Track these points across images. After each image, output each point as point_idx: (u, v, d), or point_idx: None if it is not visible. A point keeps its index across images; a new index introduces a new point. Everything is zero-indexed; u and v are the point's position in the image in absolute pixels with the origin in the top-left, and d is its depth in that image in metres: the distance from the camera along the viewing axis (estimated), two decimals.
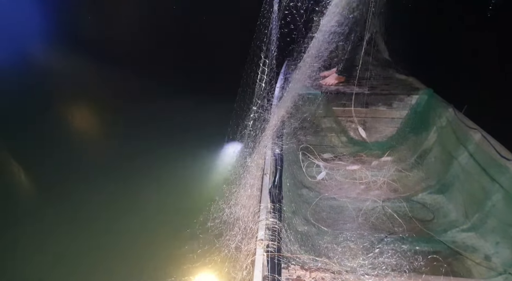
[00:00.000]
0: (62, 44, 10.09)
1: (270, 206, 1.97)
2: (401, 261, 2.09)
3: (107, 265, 3.19)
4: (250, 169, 2.88)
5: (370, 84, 4.22)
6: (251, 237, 2.06)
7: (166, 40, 9.89)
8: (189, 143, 4.87)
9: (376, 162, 3.77)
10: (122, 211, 3.79)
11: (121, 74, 7.46)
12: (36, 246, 3.36)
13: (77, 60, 8.47)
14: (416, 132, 3.79)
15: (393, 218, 2.93)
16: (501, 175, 2.54)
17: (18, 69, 8.16)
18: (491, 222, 2.58)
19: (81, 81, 7.49)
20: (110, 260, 3.24)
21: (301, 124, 4.03)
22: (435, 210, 3.04)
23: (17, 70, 8.10)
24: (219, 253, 2.80)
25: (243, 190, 2.81)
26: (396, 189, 3.37)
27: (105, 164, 4.58)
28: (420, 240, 2.66)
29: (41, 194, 4.08)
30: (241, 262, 2.13)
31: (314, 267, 1.76)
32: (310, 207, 3.05)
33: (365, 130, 4.10)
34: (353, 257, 2.24)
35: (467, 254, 2.50)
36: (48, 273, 3.10)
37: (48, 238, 3.46)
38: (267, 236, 1.72)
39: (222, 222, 3.09)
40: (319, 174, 3.57)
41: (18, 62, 8.73)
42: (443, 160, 3.33)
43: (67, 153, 4.80)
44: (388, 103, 3.98)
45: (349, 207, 3.06)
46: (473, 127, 3.00)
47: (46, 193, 4.08)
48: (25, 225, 3.60)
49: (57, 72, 7.88)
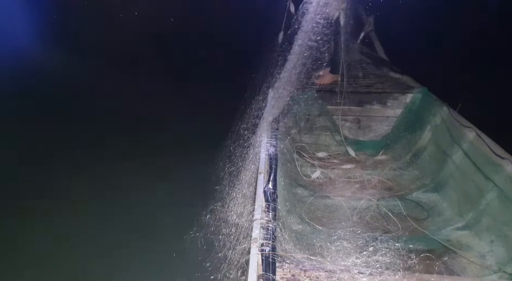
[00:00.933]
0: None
1: (264, 205, 1.96)
2: (395, 259, 2.08)
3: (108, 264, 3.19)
4: (244, 168, 2.88)
5: (365, 83, 4.22)
6: (245, 236, 2.05)
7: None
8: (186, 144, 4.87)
9: (371, 161, 3.77)
10: (117, 210, 3.77)
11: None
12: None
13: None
14: (411, 131, 3.79)
15: (388, 217, 2.92)
16: (495, 174, 2.54)
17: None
18: (485, 220, 2.58)
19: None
20: (109, 259, 3.23)
21: (296, 123, 4.02)
22: (430, 209, 3.05)
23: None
24: (213, 252, 2.79)
25: (237, 189, 2.80)
26: (391, 187, 3.38)
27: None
28: (414, 238, 2.66)
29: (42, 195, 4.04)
30: (236, 262, 2.12)
31: (309, 266, 1.75)
32: (304, 206, 3.05)
33: (359, 128, 4.11)
34: (348, 255, 2.23)
35: (462, 252, 2.51)
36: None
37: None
38: (262, 235, 1.71)
39: (216, 221, 3.09)
40: (313, 173, 3.57)
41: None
42: (438, 158, 3.33)
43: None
44: (382, 102, 3.98)
45: (344, 206, 3.06)
46: (467, 126, 3.01)
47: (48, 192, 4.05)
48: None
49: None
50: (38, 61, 8.44)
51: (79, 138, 5.24)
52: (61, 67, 7.98)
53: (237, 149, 3.08)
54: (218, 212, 2.95)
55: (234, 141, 3.14)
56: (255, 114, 3.09)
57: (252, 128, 3.06)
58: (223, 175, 3.20)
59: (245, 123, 3.13)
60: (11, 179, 4.33)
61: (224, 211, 2.88)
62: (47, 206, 3.84)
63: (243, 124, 3.13)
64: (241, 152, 3.02)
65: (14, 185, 4.22)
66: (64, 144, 5.07)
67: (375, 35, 5.89)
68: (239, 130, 3.12)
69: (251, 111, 3.13)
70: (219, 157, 3.32)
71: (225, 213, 2.87)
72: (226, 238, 2.51)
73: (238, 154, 3.07)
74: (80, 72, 7.69)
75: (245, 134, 3.07)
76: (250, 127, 3.09)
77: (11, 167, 4.57)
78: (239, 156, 3.04)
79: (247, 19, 10.26)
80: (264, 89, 3.21)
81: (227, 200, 2.91)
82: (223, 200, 3.00)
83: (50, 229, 3.56)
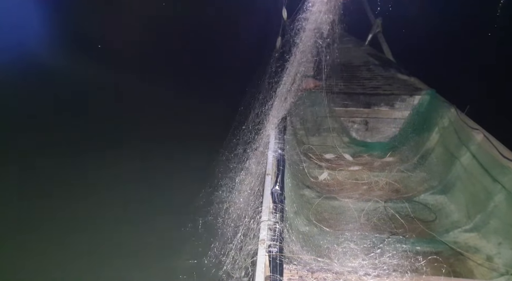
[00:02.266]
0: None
1: (272, 206, 1.97)
2: (402, 261, 2.09)
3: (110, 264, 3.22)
4: (250, 169, 2.90)
5: (372, 85, 4.22)
6: (252, 237, 2.07)
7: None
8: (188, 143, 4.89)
9: (378, 163, 3.77)
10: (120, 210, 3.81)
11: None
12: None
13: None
14: (418, 133, 3.78)
15: (395, 219, 2.93)
16: (503, 176, 2.54)
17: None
18: (493, 222, 2.57)
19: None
20: (111, 257, 3.27)
21: (303, 124, 4.03)
22: (437, 211, 3.04)
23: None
24: (220, 253, 2.82)
25: (244, 190, 2.82)
26: (398, 189, 3.37)
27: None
28: (422, 240, 2.66)
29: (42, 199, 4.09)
30: (242, 262, 2.14)
31: (316, 267, 1.77)
32: (312, 208, 3.06)
33: (367, 130, 4.11)
34: (355, 257, 2.23)
35: (469, 254, 2.50)
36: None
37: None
38: (269, 237, 1.73)
39: (223, 222, 3.12)
40: (321, 174, 3.58)
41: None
42: (445, 160, 3.32)
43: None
44: (390, 104, 3.97)
45: (351, 208, 3.06)
46: (475, 128, 3.00)
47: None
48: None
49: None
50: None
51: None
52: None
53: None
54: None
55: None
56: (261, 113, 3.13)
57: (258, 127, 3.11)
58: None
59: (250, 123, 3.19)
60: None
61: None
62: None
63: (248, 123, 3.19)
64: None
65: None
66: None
67: (383, 36, 5.89)
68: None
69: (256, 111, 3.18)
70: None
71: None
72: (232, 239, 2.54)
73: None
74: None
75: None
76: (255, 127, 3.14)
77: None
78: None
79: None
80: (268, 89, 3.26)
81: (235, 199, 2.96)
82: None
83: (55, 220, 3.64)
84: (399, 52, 5.58)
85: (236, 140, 3.35)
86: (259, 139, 2.99)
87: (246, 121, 3.25)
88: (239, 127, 3.32)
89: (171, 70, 8.15)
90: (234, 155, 3.42)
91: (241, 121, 3.34)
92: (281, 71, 2.96)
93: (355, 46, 5.88)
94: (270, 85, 3.09)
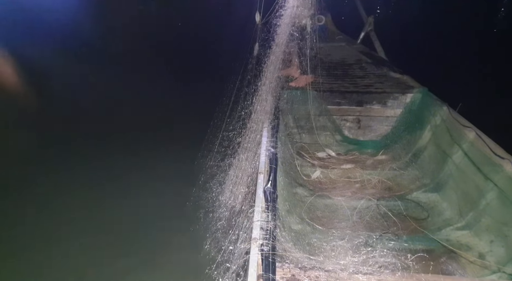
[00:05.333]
0: None
1: (264, 205, 1.96)
2: (394, 259, 2.08)
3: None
4: (242, 166, 2.89)
5: (365, 83, 4.22)
6: (245, 236, 2.05)
7: None
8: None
9: (371, 161, 3.77)
10: (116, 208, 3.77)
11: None
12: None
13: None
14: (411, 131, 3.79)
15: (388, 217, 2.92)
16: (495, 174, 2.55)
17: None
18: (485, 220, 2.58)
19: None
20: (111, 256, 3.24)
21: (296, 122, 4.02)
22: (430, 209, 3.05)
23: None
24: (213, 252, 2.80)
25: (235, 188, 2.81)
26: (391, 187, 3.38)
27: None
28: (414, 238, 2.66)
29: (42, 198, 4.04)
30: (235, 261, 2.12)
31: (309, 265, 1.75)
32: (304, 206, 3.04)
33: (360, 128, 4.11)
34: (347, 255, 2.23)
35: (461, 252, 2.51)
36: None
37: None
38: (262, 235, 1.71)
39: (216, 220, 3.10)
40: (313, 173, 3.57)
41: None
42: (438, 158, 3.33)
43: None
44: (382, 102, 3.97)
45: (344, 206, 3.06)
46: (467, 126, 3.01)
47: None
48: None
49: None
50: None
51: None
52: None
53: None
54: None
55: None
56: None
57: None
58: None
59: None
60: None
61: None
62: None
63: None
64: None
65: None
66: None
67: (375, 35, 5.89)
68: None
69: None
70: None
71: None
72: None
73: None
74: None
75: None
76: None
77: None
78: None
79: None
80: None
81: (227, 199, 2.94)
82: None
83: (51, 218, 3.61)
84: (391, 49, 5.59)
85: (221, 139, 3.37)
86: (244, 137, 3.00)
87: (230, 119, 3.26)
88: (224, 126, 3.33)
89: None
90: (218, 152, 3.43)
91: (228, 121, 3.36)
92: (260, 74, 2.99)
93: (348, 44, 5.89)
94: (250, 87, 3.12)
